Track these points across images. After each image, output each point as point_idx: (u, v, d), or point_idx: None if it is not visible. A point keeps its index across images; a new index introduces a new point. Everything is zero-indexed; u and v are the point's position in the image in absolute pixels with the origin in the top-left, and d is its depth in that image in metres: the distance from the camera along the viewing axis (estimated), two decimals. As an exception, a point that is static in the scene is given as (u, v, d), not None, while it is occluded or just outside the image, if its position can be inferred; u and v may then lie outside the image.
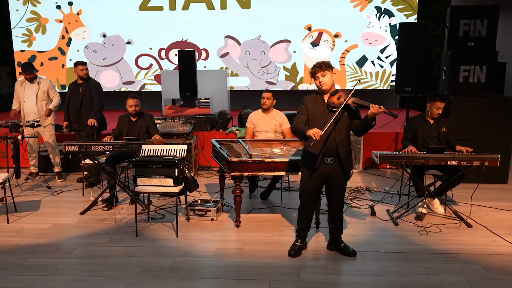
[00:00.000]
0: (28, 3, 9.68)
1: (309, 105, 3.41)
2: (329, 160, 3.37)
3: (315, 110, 3.38)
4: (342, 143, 3.36)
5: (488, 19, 5.46)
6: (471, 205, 4.54)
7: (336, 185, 3.46)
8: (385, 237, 3.91)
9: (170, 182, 3.91)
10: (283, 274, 3.23)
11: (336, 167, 3.39)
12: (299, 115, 3.44)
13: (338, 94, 3.35)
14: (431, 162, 4.03)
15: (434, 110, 4.48)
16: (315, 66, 3.35)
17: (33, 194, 5.33)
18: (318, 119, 3.35)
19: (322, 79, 3.33)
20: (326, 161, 3.37)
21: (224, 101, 7.95)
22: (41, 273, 3.29)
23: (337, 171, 3.40)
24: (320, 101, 3.40)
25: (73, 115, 5.62)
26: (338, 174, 3.41)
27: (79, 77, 5.63)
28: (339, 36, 9.40)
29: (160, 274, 3.26)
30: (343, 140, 3.37)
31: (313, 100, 3.43)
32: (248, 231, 4.08)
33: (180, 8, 9.48)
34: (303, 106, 3.44)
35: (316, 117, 3.37)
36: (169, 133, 5.94)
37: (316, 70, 3.34)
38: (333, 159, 3.37)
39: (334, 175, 3.41)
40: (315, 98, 3.43)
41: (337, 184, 3.45)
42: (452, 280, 3.14)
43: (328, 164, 3.37)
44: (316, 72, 3.34)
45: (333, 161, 3.37)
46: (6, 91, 10.04)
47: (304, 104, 3.44)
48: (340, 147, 3.35)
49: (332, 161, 3.37)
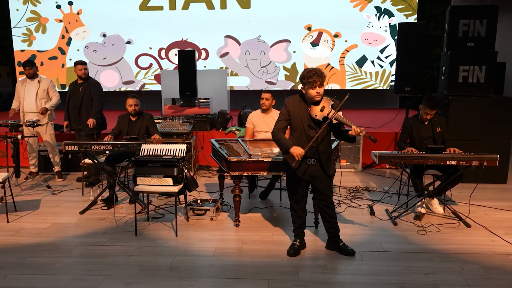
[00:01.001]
0: (28, 2, 9.69)
1: (291, 110, 3.36)
2: (311, 161, 3.38)
3: (297, 117, 3.35)
4: (323, 151, 3.39)
5: (488, 19, 5.46)
6: (470, 205, 4.54)
7: (320, 183, 3.46)
8: (384, 236, 3.92)
9: (169, 182, 3.92)
10: (282, 274, 3.24)
11: (318, 168, 3.41)
12: (280, 121, 3.40)
13: (322, 105, 3.29)
14: (430, 162, 4.04)
15: (423, 115, 4.50)
16: (314, 74, 3.19)
17: (33, 193, 5.34)
18: (300, 128, 3.33)
19: (319, 90, 3.24)
20: (308, 162, 3.39)
21: (224, 101, 7.96)
22: (41, 272, 3.29)
23: (319, 171, 3.42)
24: (303, 108, 3.34)
25: (73, 114, 5.63)
26: (320, 174, 3.43)
27: (78, 76, 5.64)
28: (339, 36, 9.41)
29: (159, 273, 3.27)
30: (325, 148, 3.40)
31: (296, 104, 3.37)
32: (247, 231, 4.09)
33: (180, 8, 9.49)
34: (284, 110, 3.38)
35: (298, 125, 3.35)
36: (168, 132, 5.95)
37: (315, 79, 3.19)
38: (315, 160, 3.39)
39: (317, 175, 3.43)
40: (298, 102, 3.36)
41: (321, 183, 3.45)
42: (450, 279, 3.14)
43: (310, 165, 3.39)
44: (314, 82, 3.20)
45: (315, 162, 3.39)
46: (6, 90, 10.05)
47: (286, 108, 3.38)
48: (322, 154, 3.38)
49: (314, 163, 3.39)
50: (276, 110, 5.15)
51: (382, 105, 9.94)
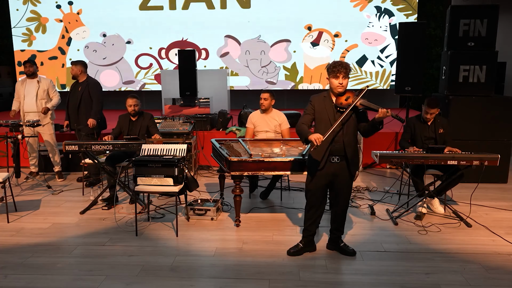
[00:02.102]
0: (28, 2, 9.68)
1: (316, 105, 3.36)
2: (335, 159, 3.34)
3: (322, 110, 3.34)
4: (349, 144, 3.34)
5: (488, 19, 5.46)
6: (471, 205, 4.54)
7: (341, 185, 3.43)
8: (385, 236, 3.92)
9: (170, 182, 3.91)
10: (283, 274, 3.24)
11: (343, 166, 3.37)
12: (304, 115, 3.39)
13: (347, 95, 3.31)
14: (430, 161, 4.03)
15: (425, 114, 4.51)
16: (340, 65, 3.22)
17: (33, 193, 5.34)
18: (325, 120, 3.31)
19: (342, 81, 3.25)
20: (333, 160, 3.35)
21: (224, 101, 7.95)
22: (41, 272, 3.29)
23: (343, 170, 3.37)
24: (328, 101, 3.35)
25: (73, 114, 5.61)
26: (344, 173, 3.38)
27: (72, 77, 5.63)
28: (339, 36, 9.41)
29: (160, 273, 3.26)
30: (350, 141, 3.35)
31: (321, 99, 3.37)
32: (248, 231, 4.09)
33: (180, 8, 9.48)
34: (309, 106, 3.39)
35: (322, 118, 3.33)
36: (169, 132, 5.94)
37: (340, 70, 3.22)
38: (340, 158, 3.34)
39: (340, 174, 3.38)
40: (323, 98, 3.37)
41: (343, 183, 3.42)
42: (451, 279, 3.14)
43: (334, 163, 3.35)
44: (338, 72, 3.22)
45: (340, 160, 3.35)
46: (6, 90, 10.05)
47: (311, 104, 3.39)
48: (347, 148, 3.33)
49: (338, 160, 3.35)
50: (276, 110, 5.15)
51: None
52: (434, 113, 4.48)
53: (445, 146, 4.26)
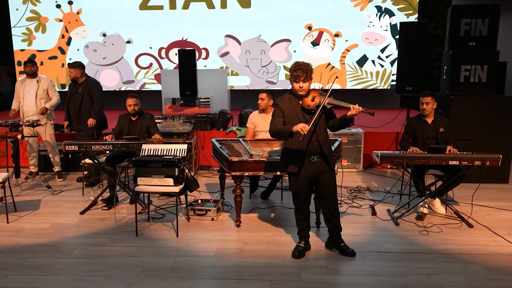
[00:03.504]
0: (28, 2, 9.67)
1: (284, 107, 3.36)
2: (314, 158, 3.37)
3: (291, 113, 3.34)
4: (324, 142, 3.38)
5: (489, 19, 5.44)
6: (472, 205, 4.53)
7: (326, 182, 3.44)
8: (386, 237, 3.90)
9: (170, 182, 3.90)
10: (284, 274, 3.22)
11: (322, 164, 3.40)
12: (275, 118, 3.38)
13: (312, 95, 3.31)
14: (432, 162, 4.02)
15: (421, 106, 4.54)
16: (300, 69, 3.22)
17: (33, 193, 5.32)
18: (295, 122, 3.29)
19: (302, 85, 3.27)
20: (312, 160, 3.38)
21: (224, 101, 7.94)
22: (41, 273, 3.27)
23: (324, 168, 3.41)
24: (295, 103, 3.36)
25: (73, 115, 5.60)
26: (325, 169, 3.42)
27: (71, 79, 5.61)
28: (340, 36, 9.39)
29: (160, 274, 3.25)
30: (324, 139, 3.39)
31: (286, 102, 3.38)
32: (248, 231, 4.07)
33: (180, 7, 9.47)
34: (277, 109, 3.38)
35: (292, 120, 3.31)
36: (169, 132, 5.93)
37: (300, 75, 3.23)
38: (318, 157, 3.38)
39: (322, 172, 3.41)
40: (289, 100, 3.38)
41: (327, 178, 3.44)
42: (453, 280, 3.12)
43: (315, 162, 3.38)
44: (298, 78, 3.24)
45: (319, 159, 3.39)
46: (6, 90, 10.04)
47: (278, 107, 3.38)
48: (323, 146, 3.37)
49: (318, 159, 3.38)
50: (277, 110, 5.13)
51: (382, 104, 9.92)
52: (429, 102, 4.49)
53: (446, 146, 4.25)
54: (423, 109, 4.53)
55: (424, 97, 4.51)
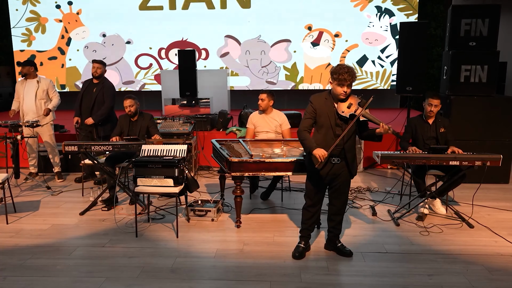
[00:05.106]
0: (28, 2, 9.65)
1: (317, 107, 3.28)
2: (335, 160, 3.33)
3: (323, 115, 3.27)
4: (349, 149, 3.34)
5: (489, 19, 5.44)
6: (473, 206, 4.52)
7: (341, 184, 3.42)
8: (387, 237, 3.90)
9: (170, 183, 3.89)
10: (284, 275, 3.21)
11: (343, 166, 3.36)
12: (305, 119, 3.32)
13: (349, 102, 3.24)
14: (432, 162, 4.01)
15: (427, 107, 4.47)
16: (347, 72, 3.11)
17: (33, 194, 5.31)
18: (326, 125, 3.27)
19: (347, 90, 3.17)
20: (333, 161, 3.33)
21: (224, 101, 7.93)
22: (41, 274, 3.27)
23: (343, 170, 3.37)
24: (330, 105, 3.27)
25: (85, 114, 5.58)
26: (344, 172, 3.38)
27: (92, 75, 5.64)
28: (340, 36, 9.39)
29: (160, 275, 3.24)
30: (350, 146, 3.35)
31: (322, 101, 3.29)
32: (248, 232, 4.06)
33: (180, 8, 9.46)
34: (310, 108, 3.30)
35: (324, 123, 3.27)
36: (169, 133, 5.92)
37: (346, 78, 3.11)
38: (340, 159, 3.34)
39: (340, 174, 3.38)
40: (325, 100, 3.29)
41: (343, 183, 3.42)
42: (454, 281, 3.12)
43: (335, 164, 3.34)
44: (345, 81, 3.13)
45: (340, 161, 3.34)
46: (5, 90, 10.02)
47: (312, 106, 3.30)
48: (348, 153, 3.33)
49: (338, 161, 3.34)
50: (277, 111, 5.13)
51: (383, 105, 9.91)
52: (437, 105, 4.44)
53: (447, 147, 4.24)
54: (430, 111, 4.46)
55: (433, 99, 4.41)
